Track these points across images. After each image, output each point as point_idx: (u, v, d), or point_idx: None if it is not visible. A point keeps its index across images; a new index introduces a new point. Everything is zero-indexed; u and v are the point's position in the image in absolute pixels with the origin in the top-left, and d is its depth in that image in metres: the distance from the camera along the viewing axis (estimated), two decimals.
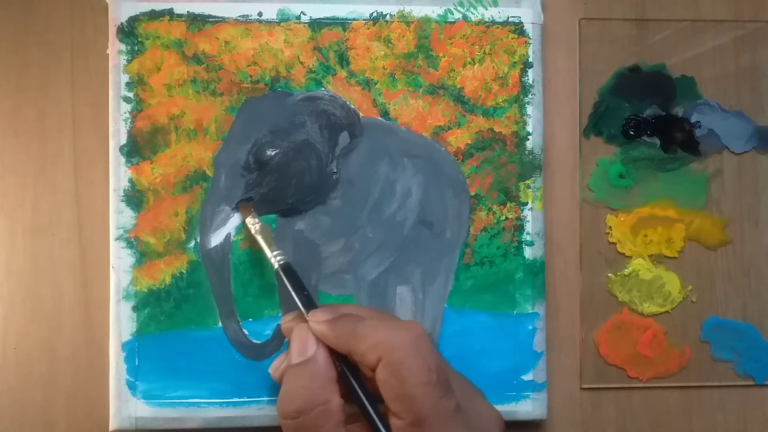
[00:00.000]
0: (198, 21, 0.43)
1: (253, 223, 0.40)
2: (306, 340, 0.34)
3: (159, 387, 0.42)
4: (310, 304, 0.36)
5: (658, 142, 0.46)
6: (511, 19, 0.44)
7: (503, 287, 0.44)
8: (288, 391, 0.33)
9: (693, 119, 0.46)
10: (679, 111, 0.46)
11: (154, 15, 0.43)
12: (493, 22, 0.44)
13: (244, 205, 0.42)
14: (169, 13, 0.43)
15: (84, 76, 0.44)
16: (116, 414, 0.42)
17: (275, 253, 0.38)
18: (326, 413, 0.32)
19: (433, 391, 0.31)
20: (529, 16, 0.44)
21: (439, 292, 0.43)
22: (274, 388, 0.42)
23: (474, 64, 0.44)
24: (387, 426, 0.32)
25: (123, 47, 0.43)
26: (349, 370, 0.33)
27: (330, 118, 0.43)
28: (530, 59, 0.44)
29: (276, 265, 0.38)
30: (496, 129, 0.44)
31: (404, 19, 0.44)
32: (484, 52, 0.44)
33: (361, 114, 0.44)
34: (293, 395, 0.32)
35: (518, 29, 0.44)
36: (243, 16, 0.43)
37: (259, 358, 0.42)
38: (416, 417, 0.30)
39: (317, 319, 0.34)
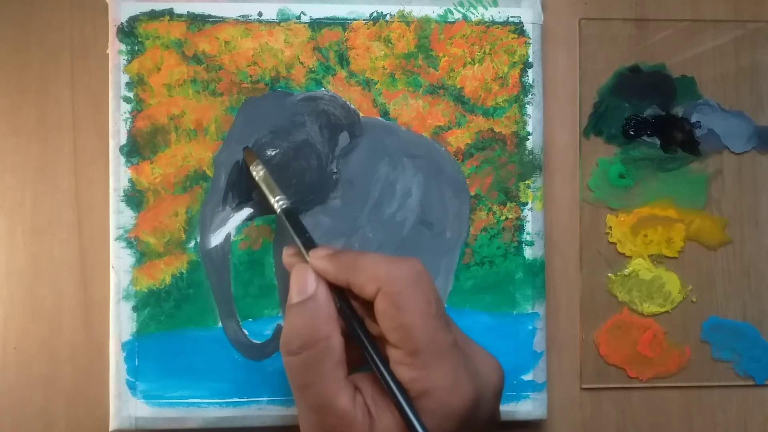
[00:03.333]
0: (198, 21, 0.43)
1: (257, 171, 0.39)
2: (306, 278, 0.34)
3: (159, 387, 0.42)
4: (312, 245, 0.35)
5: (658, 142, 0.46)
6: (511, 19, 0.44)
7: (503, 287, 0.44)
8: (291, 328, 0.33)
9: (693, 119, 0.46)
10: (679, 111, 0.46)
11: (154, 15, 0.43)
12: (493, 22, 0.44)
13: (248, 151, 0.41)
14: (169, 13, 0.43)
15: (84, 76, 0.44)
16: (116, 414, 0.42)
17: (277, 198, 0.38)
18: (329, 348, 0.32)
19: (431, 322, 0.31)
20: (529, 16, 0.44)
21: (439, 292, 0.43)
22: (274, 388, 0.42)
23: (474, 64, 0.44)
24: (384, 360, 0.32)
25: (123, 47, 0.43)
26: (348, 308, 0.33)
27: (330, 118, 0.43)
28: (530, 59, 0.44)
29: (278, 210, 0.37)
30: (496, 129, 0.44)
31: (404, 19, 0.44)
32: (484, 52, 0.44)
33: (361, 114, 0.44)
34: (297, 331, 0.32)
35: (518, 29, 0.44)
36: (243, 16, 0.43)
37: (259, 358, 0.42)
38: (414, 347, 0.30)
39: (318, 255, 0.34)
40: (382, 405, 0.32)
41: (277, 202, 0.37)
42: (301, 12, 0.44)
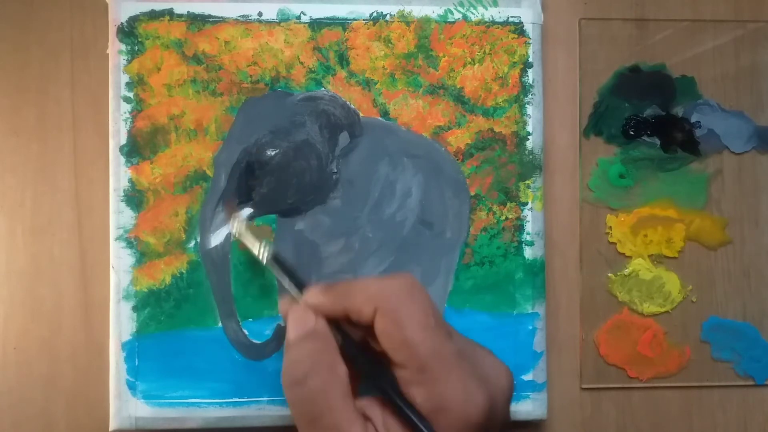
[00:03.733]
0: (198, 21, 0.43)
1: (237, 226, 0.40)
2: (304, 316, 0.33)
3: (159, 387, 0.42)
4: (304, 284, 0.35)
5: (658, 142, 0.46)
6: (511, 19, 0.44)
7: (503, 287, 0.44)
8: (293, 360, 0.32)
9: (693, 119, 0.46)
10: (679, 111, 0.46)
11: (154, 15, 0.43)
12: (493, 22, 0.44)
13: (228, 203, 0.41)
14: (169, 13, 0.43)
15: (84, 76, 0.44)
16: (116, 414, 0.42)
17: (263, 245, 0.38)
18: (335, 377, 0.31)
19: (432, 334, 0.31)
20: (529, 16, 0.44)
21: (439, 292, 0.43)
22: (274, 388, 0.42)
23: (474, 64, 0.44)
24: (396, 387, 0.31)
25: (123, 47, 0.43)
26: (349, 340, 0.33)
27: (330, 118, 0.43)
28: (530, 59, 0.44)
29: (265, 261, 0.37)
30: (496, 129, 0.44)
31: (404, 19, 0.44)
32: (484, 52, 0.44)
33: (361, 114, 0.44)
34: (300, 361, 0.31)
35: (518, 29, 0.44)
36: (243, 16, 0.43)
37: (259, 358, 0.42)
38: (420, 363, 0.30)
39: (312, 291, 0.34)
40: (394, 430, 0.31)
41: (262, 254, 0.37)
42: (301, 12, 0.44)
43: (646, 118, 0.46)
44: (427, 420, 0.30)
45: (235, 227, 0.40)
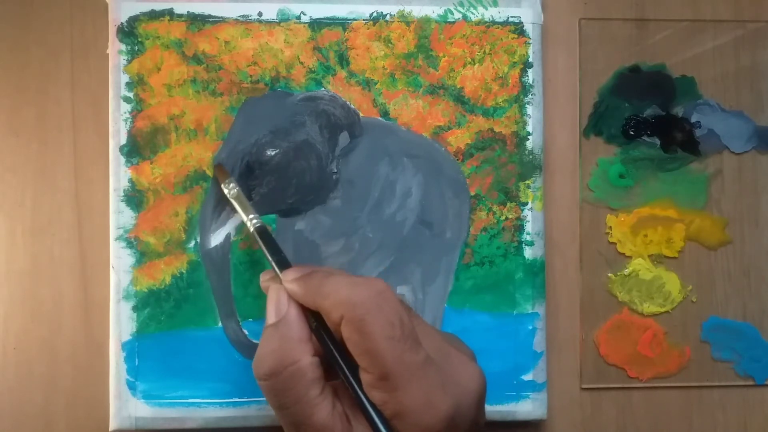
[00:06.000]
0: (198, 21, 0.43)
1: (230, 188, 0.40)
2: (279, 299, 0.34)
3: (159, 387, 0.42)
4: (285, 265, 0.36)
5: (658, 142, 0.46)
6: (511, 19, 0.44)
7: (503, 287, 0.44)
8: (259, 354, 0.33)
9: (693, 119, 0.46)
10: (679, 111, 0.46)
11: (154, 15, 0.43)
12: (493, 22, 0.44)
13: (219, 168, 0.41)
14: (169, 13, 0.43)
15: (84, 76, 0.44)
16: (116, 414, 0.42)
17: (250, 216, 0.38)
18: (297, 373, 0.32)
19: (397, 344, 0.31)
20: (529, 16, 0.44)
21: (439, 292, 0.44)
22: None
23: (474, 64, 0.44)
24: (358, 380, 0.32)
25: (123, 47, 0.43)
26: (323, 328, 0.33)
27: (330, 118, 0.43)
28: (530, 59, 0.44)
29: (252, 228, 0.38)
30: (496, 129, 0.44)
31: (404, 19, 0.44)
32: (484, 52, 0.44)
33: (361, 114, 0.44)
34: (263, 358, 0.33)
35: (518, 29, 0.44)
36: (243, 16, 0.43)
37: None
38: (382, 371, 0.30)
39: (288, 277, 0.34)
40: (359, 412, 0.32)
41: (250, 221, 0.38)
42: (301, 12, 0.44)
43: (646, 118, 0.46)
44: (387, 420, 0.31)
45: (231, 189, 0.40)
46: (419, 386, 0.31)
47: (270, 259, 0.36)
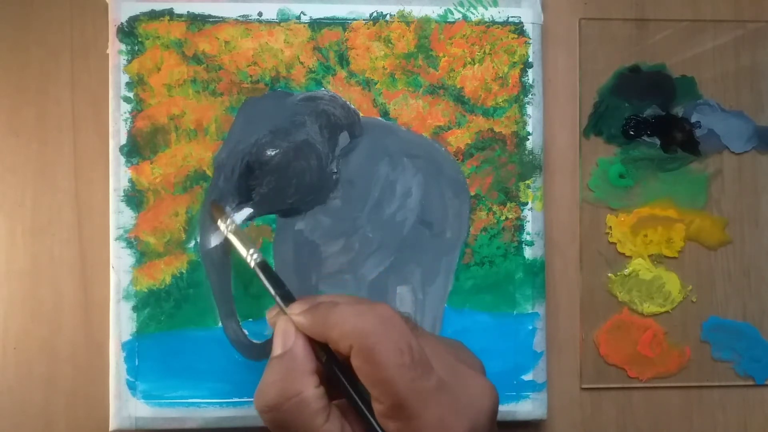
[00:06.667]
0: (198, 21, 0.43)
1: (227, 226, 0.40)
2: (286, 331, 0.34)
3: (159, 387, 0.42)
4: (289, 298, 0.36)
5: (658, 142, 0.46)
6: (511, 19, 0.44)
7: (503, 287, 0.44)
8: (261, 386, 0.33)
9: (693, 119, 0.46)
10: (679, 111, 0.46)
11: (154, 15, 0.43)
12: (493, 22, 0.44)
13: (215, 206, 0.41)
14: (169, 13, 0.43)
15: (84, 76, 0.44)
16: (116, 414, 0.42)
17: (251, 251, 0.38)
18: (301, 404, 0.32)
19: (408, 372, 0.30)
20: (529, 16, 0.44)
21: (439, 292, 0.44)
22: None
23: (474, 64, 0.44)
24: (371, 410, 0.32)
25: (123, 47, 0.43)
26: (334, 361, 0.33)
27: (330, 118, 0.43)
28: (530, 59, 0.44)
29: (252, 264, 0.37)
30: (496, 129, 0.44)
31: (404, 19, 0.44)
32: (484, 52, 0.44)
33: (361, 114, 0.44)
34: (265, 390, 0.33)
35: (518, 29, 0.44)
36: (243, 16, 0.43)
37: (259, 358, 0.42)
38: (394, 400, 0.30)
39: (295, 311, 0.34)
40: None
41: (251, 256, 0.38)
42: (301, 12, 0.44)
43: (646, 118, 0.46)
44: None
45: (228, 226, 0.40)
46: (433, 413, 0.30)
47: (273, 293, 0.36)
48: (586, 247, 0.46)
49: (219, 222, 0.40)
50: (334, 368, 0.33)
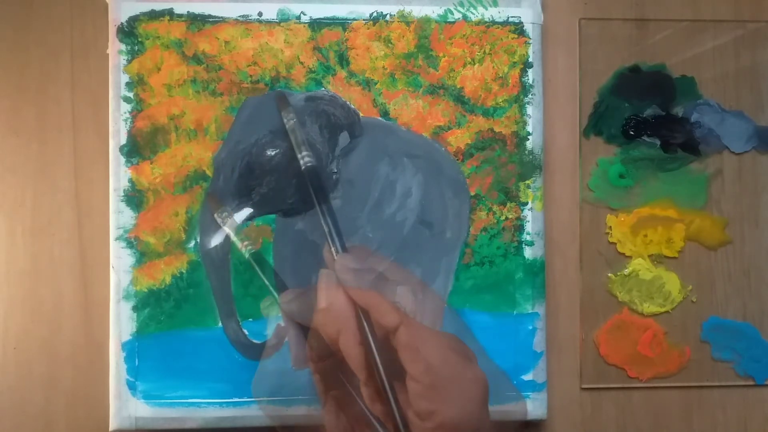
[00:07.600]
0: (198, 21, 0.43)
1: (288, 118, 0.40)
2: (329, 289, 0.35)
3: (159, 387, 0.42)
4: (343, 245, 0.36)
5: (658, 142, 0.46)
6: (511, 19, 0.44)
7: (503, 287, 0.44)
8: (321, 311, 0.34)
9: (693, 119, 0.46)
10: (679, 111, 0.46)
11: (154, 15, 0.43)
12: (493, 22, 0.44)
13: (211, 197, 0.42)
14: (169, 13, 0.43)
15: (84, 76, 0.44)
16: (116, 414, 0.42)
17: (245, 243, 0.38)
18: (349, 325, 0.33)
19: (452, 356, 0.31)
20: (529, 16, 0.44)
21: (439, 292, 0.43)
22: (274, 388, 0.42)
23: (474, 64, 0.44)
24: (393, 388, 0.32)
25: (123, 47, 0.43)
26: (371, 334, 0.34)
27: (330, 118, 0.43)
28: (530, 59, 0.44)
29: (247, 255, 0.38)
30: (496, 129, 0.44)
31: (404, 19, 0.44)
32: (484, 52, 0.44)
33: (361, 114, 0.44)
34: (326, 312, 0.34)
35: (518, 29, 0.44)
36: (243, 16, 0.43)
37: (259, 358, 0.42)
38: (432, 381, 0.31)
39: (345, 264, 0.35)
40: (364, 424, 0.33)
41: (245, 247, 0.38)
42: (301, 12, 0.44)
43: (646, 118, 0.46)
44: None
45: (290, 120, 0.40)
46: (465, 401, 0.31)
47: (266, 281, 0.36)
48: (586, 247, 0.46)
49: (215, 214, 0.40)
50: (371, 342, 0.33)
